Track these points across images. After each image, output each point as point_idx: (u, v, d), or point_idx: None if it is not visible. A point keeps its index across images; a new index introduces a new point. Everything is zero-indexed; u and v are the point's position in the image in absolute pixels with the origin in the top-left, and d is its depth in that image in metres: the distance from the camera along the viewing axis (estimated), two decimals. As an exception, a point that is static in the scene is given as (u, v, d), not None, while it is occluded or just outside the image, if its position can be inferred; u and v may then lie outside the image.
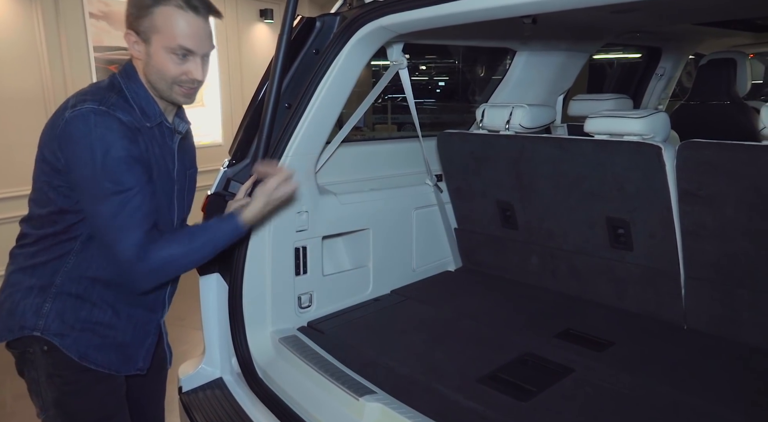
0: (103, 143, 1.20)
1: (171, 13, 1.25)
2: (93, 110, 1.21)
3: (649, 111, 1.78)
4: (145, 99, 1.33)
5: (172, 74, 1.30)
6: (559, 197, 2.04)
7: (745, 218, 1.57)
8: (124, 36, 1.30)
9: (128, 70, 1.34)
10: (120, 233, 1.23)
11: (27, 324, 1.31)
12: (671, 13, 2.43)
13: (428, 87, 10.69)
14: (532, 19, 2.07)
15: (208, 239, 1.36)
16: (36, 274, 1.33)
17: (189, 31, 1.27)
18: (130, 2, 1.27)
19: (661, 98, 3.64)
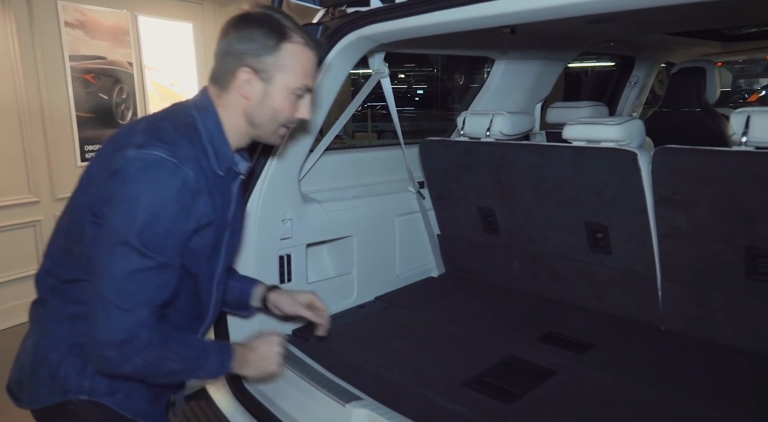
0: (154, 202, 1.05)
1: (297, 50, 1.18)
2: (160, 160, 1.06)
3: (625, 118, 1.83)
4: (219, 140, 1.19)
5: (286, 115, 1.22)
6: (539, 203, 2.08)
7: (717, 221, 1.62)
8: (240, 76, 1.16)
9: (205, 105, 1.20)
10: (122, 297, 1.05)
11: (71, 387, 1.16)
12: (643, 24, 2.51)
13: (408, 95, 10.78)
14: (510, 29, 2.12)
15: (203, 351, 1.21)
16: (76, 329, 1.16)
17: (311, 68, 1.22)
18: (245, 37, 1.15)
19: (635, 106, 3.74)
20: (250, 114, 1.20)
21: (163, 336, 1.13)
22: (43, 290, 1.23)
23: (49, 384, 1.17)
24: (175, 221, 1.08)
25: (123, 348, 1.07)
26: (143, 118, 1.21)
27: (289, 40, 1.17)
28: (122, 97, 4.58)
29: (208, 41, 5.34)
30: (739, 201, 1.55)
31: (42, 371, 1.18)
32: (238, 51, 1.16)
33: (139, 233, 1.05)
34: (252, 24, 1.16)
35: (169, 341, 1.14)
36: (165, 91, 5.05)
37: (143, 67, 4.73)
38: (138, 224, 1.05)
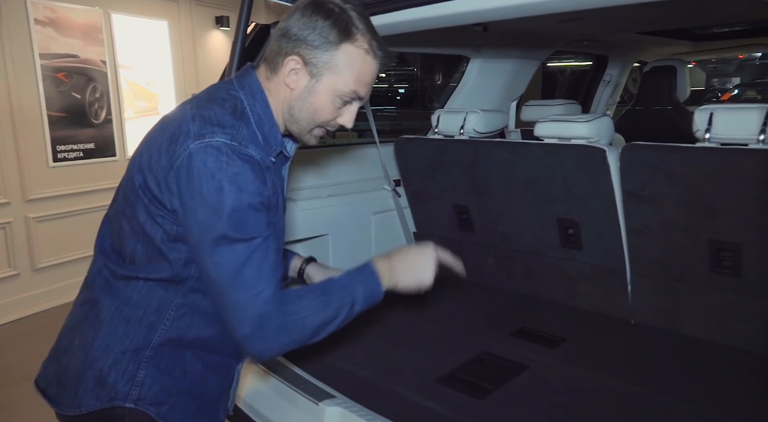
0: (234, 185, 1.01)
1: (357, 55, 1.09)
2: (225, 145, 1.02)
3: (594, 115, 1.86)
4: (269, 124, 1.13)
5: (325, 118, 1.15)
6: (513, 200, 2.10)
7: (682, 216, 1.66)
8: (285, 59, 1.09)
9: (252, 87, 1.14)
10: (246, 289, 1.03)
11: (119, 395, 1.12)
12: (613, 23, 2.54)
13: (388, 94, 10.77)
14: (483, 28, 2.13)
15: (345, 289, 1.14)
16: (130, 333, 1.12)
17: (367, 78, 1.13)
18: (308, 25, 1.08)
19: (608, 104, 3.80)
20: (290, 105, 1.14)
21: (293, 299, 1.08)
22: (95, 290, 1.17)
23: (95, 390, 1.12)
24: (261, 192, 1.05)
25: (262, 333, 1.04)
26: (185, 103, 1.14)
27: (352, 41, 1.08)
28: (95, 96, 4.50)
29: (184, 39, 5.28)
30: (703, 196, 1.59)
31: (89, 375, 1.13)
32: (296, 37, 1.08)
33: (233, 223, 1.01)
34: (320, 12, 1.08)
35: (301, 298, 1.09)
36: (140, 90, 4.98)
37: (117, 65, 4.66)
38: (228, 212, 1.01)
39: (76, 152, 4.40)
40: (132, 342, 1.12)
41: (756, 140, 1.45)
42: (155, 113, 5.16)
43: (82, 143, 4.44)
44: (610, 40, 3.28)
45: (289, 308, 1.06)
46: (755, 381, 1.54)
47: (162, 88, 5.16)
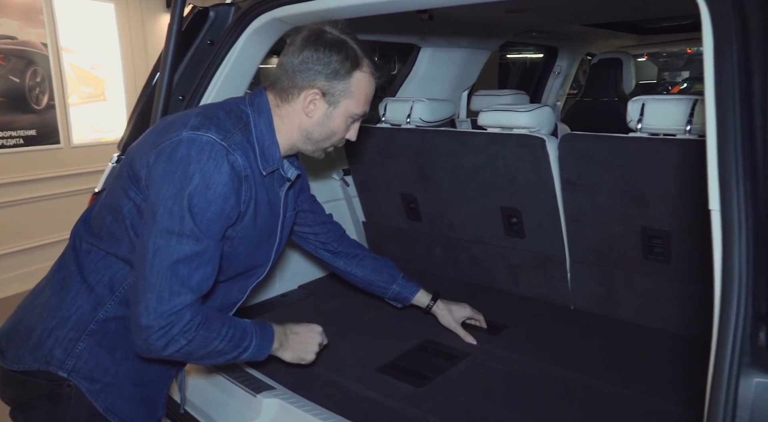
0: (205, 179, 1.07)
1: (365, 79, 1.23)
2: (213, 142, 1.10)
3: (535, 105, 1.88)
4: (269, 141, 1.22)
5: (340, 137, 1.29)
6: (458, 189, 2.12)
7: (617, 205, 1.70)
8: (305, 95, 1.21)
9: (261, 105, 1.24)
10: (172, 283, 1.06)
11: (53, 360, 1.15)
12: (560, 14, 2.58)
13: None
14: (428, 16, 2.12)
15: (245, 337, 1.23)
16: (78, 301, 1.17)
17: (371, 97, 1.28)
18: (322, 59, 1.18)
19: (558, 95, 3.87)
20: (307, 130, 1.25)
21: (207, 316, 1.14)
22: (66, 255, 1.23)
23: (34, 350, 1.16)
24: (227, 199, 1.11)
25: (169, 331, 1.07)
26: (198, 106, 1.28)
27: (360, 68, 1.22)
28: (36, 81, 4.29)
29: (132, 23, 5.08)
30: (635, 185, 1.63)
31: (34, 335, 1.17)
32: (312, 71, 1.19)
33: (192, 214, 1.06)
34: (332, 48, 1.19)
35: (212, 321, 1.15)
36: (85, 74, 4.77)
37: (60, 48, 4.45)
38: (189, 200, 1.06)
39: (15, 139, 4.19)
40: (78, 310, 1.16)
41: (683, 130, 1.50)
42: (102, 99, 4.96)
43: (23, 130, 4.23)
44: (559, 31, 3.33)
45: (200, 322, 1.11)
46: (684, 364, 1.60)
47: (109, 73, 4.96)
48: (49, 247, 4.27)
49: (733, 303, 0.81)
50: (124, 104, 5.13)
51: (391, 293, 1.76)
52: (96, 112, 4.89)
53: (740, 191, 0.84)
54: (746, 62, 0.90)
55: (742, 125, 0.86)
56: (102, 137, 4.92)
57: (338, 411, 1.46)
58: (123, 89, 5.11)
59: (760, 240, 0.83)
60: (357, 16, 1.68)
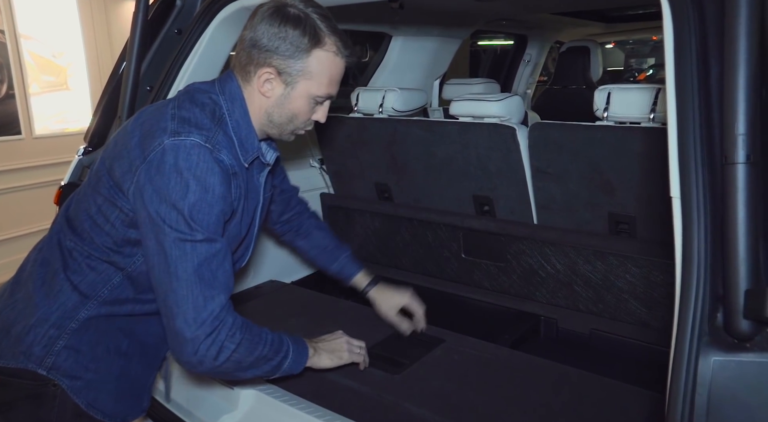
0: (201, 183, 1.05)
1: (328, 59, 1.14)
2: (198, 145, 1.06)
3: (506, 95, 1.90)
4: (246, 130, 1.18)
5: (303, 119, 1.22)
6: (431, 178, 2.14)
7: (585, 192, 1.75)
8: (257, 69, 1.14)
9: (233, 93, 1.17)
10: (203, 290, 1.06)
11: (33, 358, 1.13)
12: (529, 3, 2.61)
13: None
14: (399, 4, 2.12)
15: (280, 350, 1.25)
16: (59, 301, 1.14)
17: (337, 78, 1.19)
18: (277, 35, 1.10)
19: (528, 83, 3.91)
20: (267, 112, 1.19)
21: (244, 319, 1.15)
22: (49, 252, 1.20)
23: (14, 346, 1.14)
24: (225, 197, 1.10)
25: (217, 337, 1.07)
26: (167, 101, 1.18)
27: (321, 46, 1.13)
28: (-6, 69, 4.14)
29: (95, 9, 4.92)
30: (602, 172, 1.67)
31: (14, 331, 1.15)
32: (267, 48, 1.12)
33: (197, 220, 1.05)
34: (288, 21, 1.11)
35: (251, 325, 1.17)
36: (46, 62, 4.62)
37: (18, 35, 4.28)
38: (191, 209, 1.05)
39: (-28, 131, 4.05)
40: (60, 308, 1.14)
41: (648, 118, 1.54)
42: (65, 88, 4.81)
43: (-21, 121, 4.09)
44: (528, 20, 3.37)
45: (241, 325, 1.13)
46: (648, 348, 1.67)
47: (72, 61, 4.81)
48: (13, 241, 4.15)
49: (692, 286, 0.85)
50: (88, 93, 4.98)
51: (333, 269, 1.76)
52: (59, 101, 4.74)
53: (699, 179, 0.88)
54: (704, 53, 0.93)
55: (701, 115, 0.90)
56: (66, 128, 4.78)
57: (315, 400, 1.47)
58: (87, 78, 4.96)
59: (717, 225, 0.87)
60: (328, 5, 1.65)
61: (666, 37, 0.97)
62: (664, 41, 0.97)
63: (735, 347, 0.81)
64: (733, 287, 0.81)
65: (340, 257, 1.75)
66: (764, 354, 0.81)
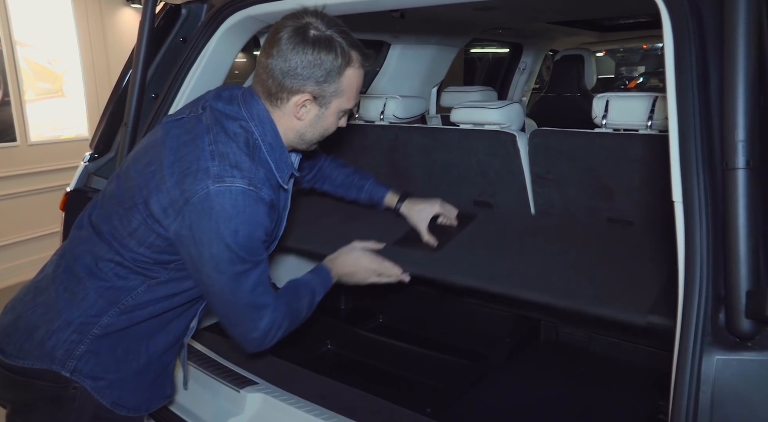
0: (248, 226, 1.12)
1: (354, 74, 1.20)
2: (243, 191, 1.11)
3: (506, 102, 1.94)
4: (279, 150, 1.22)
5: (332, 130, 1.29)
6: (432, 184, 2.16)
7: (584, 197, 1.78)
8: (299, 101, 1.17)
9: (261, 117, 1.20)
10: (260, 304, 1.21)
11: (55, 361, 1.17)
12: (525, 12, 2.66)
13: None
14: (400, 14, 2.16)
15: (309, 299, 1.37)
16: (82, 307, 1.17)
17: (361, 87, 1.25)
18: (312, 61, 1.13)
19: (524, 91, 3.97)
20: (300, 132, 1.24)
21: (282, 298, 1.29)
22: (72, 259, 1.21)
23: (37, 349, 1.16)
24: (266, 231, 1.19)
25: (269, 336, 1.25)
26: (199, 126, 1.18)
27: (351, 64, 1.18)
28: (-11, 76, 4.13)
29: (91, 16, 4.93)
30: (601, 178, 1.71)
31: (37, 334, 1.17)
32: (302, 76, 1.14)
33: (248, 251, 1.14)
34: (320, 48, 1.13)
35: (286, 295, 1.32)
36: (42, 70, 4.62)
37: (13, 42, 4.29)
38: (242, 248, 1.12)
39: (-33, 137, 4.04)
40: (83, 315, 1.17)
41: (645, 125, 1.58)
42: (60, 95, 4.81)
43: (-25, 127, 4.08)
44: (524, 29, 3.42)
45: (283, 309, 1.26)
46: None
47: (67, 69, 4.82)
48: (9, 248, 4.13)
49: (695, 287, 0.88)
50: (83, 100, 4.98)
51: (363, 199, 1.83)
52: (54, 108, 4.74)
53: (700, 183, 0.91)
54: (703, 62, 0.97)
55: (701, 122, 0.93)
56: (61, 135, 4.78)
57: (320, 402, 1.50)
58: (82, 85, 4.97)
59: (718, 228, 0.90)
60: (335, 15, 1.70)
61: (666, 46, 1.00)
62: (665, 50, 1.01)
63: (737, 346, 0.85)
64: (734, 288, 0.84)
65: (366, 186, 1.82)
66: (766, 352, 0.84)
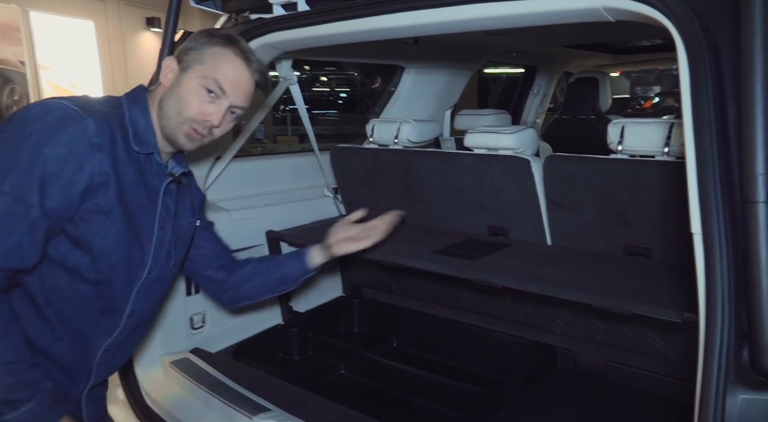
0: (42, 138, 1.02)
1: (224, 54, 1.23)
2: (62, 106, 1.07)
3: (520, 127, 1.94)
4: (144, 125, 1.22)
5: (192, 109, 1.21)
6: (446, 208, 2.16)
7: (599, 223, 1.76)
8: (164, 63, 1.25)
9: (136, 93, 1.26)
10: None
11: None
12: (539, 37, 2.67)
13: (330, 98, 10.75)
14: (414, 40, 2.19)
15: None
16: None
17: (231, 74, 1.23)
18: (191, 39, 1.27)
19: (538, 113, 3.97)
20: (162, 98, 1.22)
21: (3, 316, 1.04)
22: None
23: None
24: (66, 164, 1.05)
25: None
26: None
27: (221, 45, 1.23)
28: (14, 99, 4.25)
29: (112, 40, 5.07)
30: (617, 204, 1.69)
31: None
32: (180, 48, 1.27)
33: (17, 168, 1.01)
34: (202, 32, 1.28)
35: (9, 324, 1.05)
36: (64, 92, 4.74)
37: (37, 66, 4.41)
38: (21, 163, 1.01)
39: (-8, 159, 4.13)
40: None
41: (661, 152, 1.57)
42: (81, 117, 4.92)
43: None
44: (537, 52, 3.44)
45: None
46: None
47: (88, 91, 4.93)
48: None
49: (717, 324, 0.86)
50: (104, 122, 5.08)
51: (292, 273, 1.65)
52: (75, 130, 4.84)
53: (720, 216, 0.90)
54: (721, 95, 0.96)
55: (719, 153, 0.92)
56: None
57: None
58: (103, 107, 5.07)
59: (739, 261, 0.88)
60: (344, 42, 1.73)
61: (682, 79, 1.00)
62: (680, 83, 1.01)
63: (762, 385, 0.82)
64: (757, 324, 0.82)
65: (288, 260, 1.67)
66: (792, 391, 0.81)
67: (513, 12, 1.28)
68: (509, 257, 1.79)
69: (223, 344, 2.08)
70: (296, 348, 2.24)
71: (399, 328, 2.41)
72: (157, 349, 1.88)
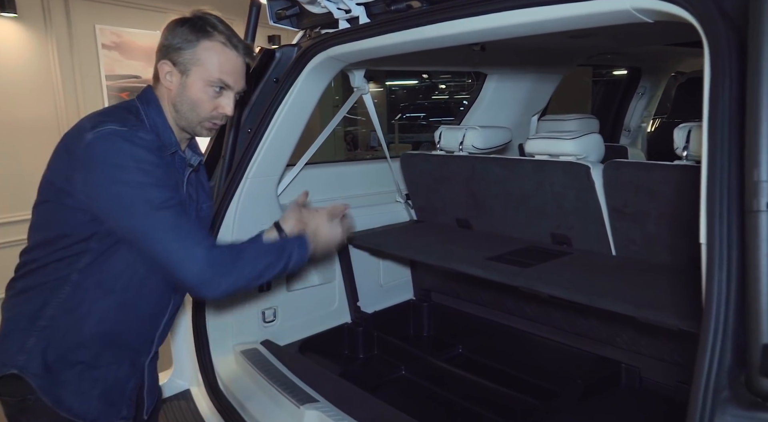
0: (135, 159, 1.16)
1: (215, 48, 1.26)
2: (115, 132, 1.16)
3: (582, 132, 1.86)
4: (162, 126, 1.29)
5: (206, 108, 1.29)
6: (509, 214, 2.13)
7: (665, 234, 1.63)
8: (158, 65, 1.28)
9: (147, 96, 1.31)
10: (187, 239, 1.18)
11: (9, 360, 1.19)
12: (632, 37, 2.50)
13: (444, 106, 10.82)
14: (480, 47, 2.18)
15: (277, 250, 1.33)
16: (26, 301, 1.23)
17: (229, 67, 1.28)
18: (171, 34, 1.27)
19: (643, 116, 3.69)
20: (173, 103, 1.30)
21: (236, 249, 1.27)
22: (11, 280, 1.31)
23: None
24: (160, 162, 1.20)
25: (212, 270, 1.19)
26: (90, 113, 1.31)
27: (208, 37, 1.26)
28: (154, 114, 4.86)
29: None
30: (683, 213, 1.56)
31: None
32: (163, 46, 1.28)
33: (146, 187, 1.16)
34: (179, 23, 1.28)
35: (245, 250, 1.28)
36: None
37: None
38: (139, 182, 1.15)
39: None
40: (28, 308, 1.22)
41: (730, 158, 1.42)
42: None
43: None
44: (639, 52, 3.21)
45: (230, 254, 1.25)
46: None
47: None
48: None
49: (709, 338, 0.80)
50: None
51: None
52: (203, 140, 5.41)
53: (723, 226, 0.83)
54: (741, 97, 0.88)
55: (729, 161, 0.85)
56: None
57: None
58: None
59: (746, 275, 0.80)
60: (403, 52, 1.78)
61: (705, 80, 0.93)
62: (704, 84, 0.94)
63: (756, 405, 0.74)
64: (753, 341, 0.75)
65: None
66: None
67: (536, 19, 1.26)
68: (564, 266, 1.73)
69: (291, 338, 2.23)
70: (361, 347, 2.34)
71: (465, 334, 2.40)
72: (230, 339, 2.06)
